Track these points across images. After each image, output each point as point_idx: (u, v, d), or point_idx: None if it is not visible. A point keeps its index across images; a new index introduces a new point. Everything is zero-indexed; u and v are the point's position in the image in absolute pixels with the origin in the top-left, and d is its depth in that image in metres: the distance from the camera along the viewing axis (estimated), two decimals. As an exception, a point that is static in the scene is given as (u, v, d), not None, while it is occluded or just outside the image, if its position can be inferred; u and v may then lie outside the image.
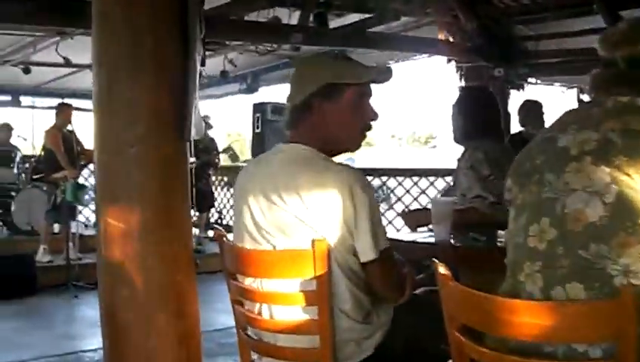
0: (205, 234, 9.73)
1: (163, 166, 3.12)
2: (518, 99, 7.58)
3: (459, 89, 7.26)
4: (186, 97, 3.08)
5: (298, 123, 2.36)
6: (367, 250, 2.20)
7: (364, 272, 2.25)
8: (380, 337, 2.30)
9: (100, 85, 3.12)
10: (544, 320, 1.53)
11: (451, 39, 7.69)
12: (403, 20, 7.48)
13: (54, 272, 7.58)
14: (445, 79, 9.71)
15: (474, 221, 3.23)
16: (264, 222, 2.28)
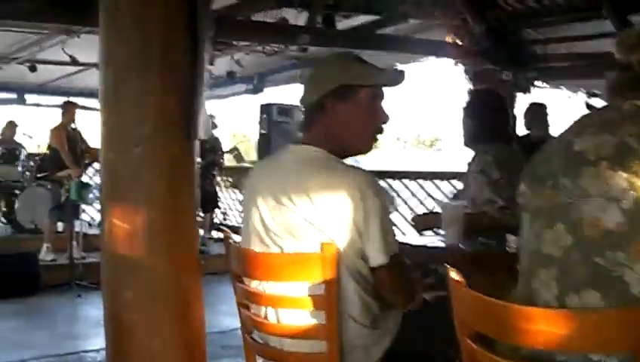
0: (209, 234, 9.69)
1: (170, 166, 3.10)
2: (524, 102, 7.56)
3: (468, 92, 7.22)
4: (194, 97, 3.05)
5: (311, 124, 2.34)
6: (377, 254, 2.17)
7: (373, 277, 2.22)
8: (388, 343, 2.27)
9: (107, 84, 3.10)
10: (561, 328, 1.49)
11: (459, 42, 7.65)
12: (411, 23, 7.46)
13: (57, 271, 7.54)
14: (451, 82, 9.69)
15: (483, 225, 3.20)
16: (273, 224, 2.24)
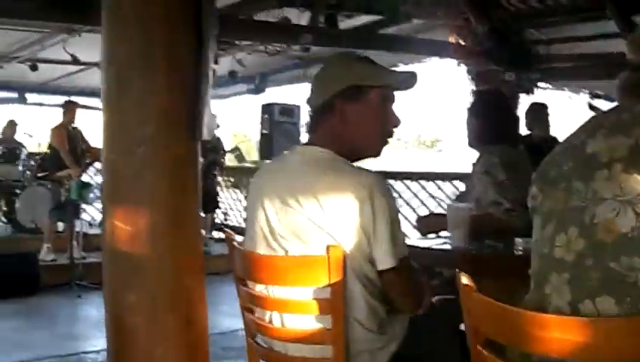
0: (210, 235, 9.66)
1: (173, 166, 3.06)
2: (526, 102, 7.54)
3: (473, 92, 7.20)
4: (199, 96, 3.01)
5: (318, 125, 2.29)
6: (386, 257, 2.12)
7: (380, 281, 2.17)
8: (395, 347, 2.23)
9: (109, 84, 3.06)
10: (575, 336, 1.45)
11: (462, 42, 7.63)
12: (413, 23, 7.44)
13: (58, 271, 7.51)
14: (453, 83, 9.66)
15: (489, 227, 3.16)
16: (279, 226, 2.20)
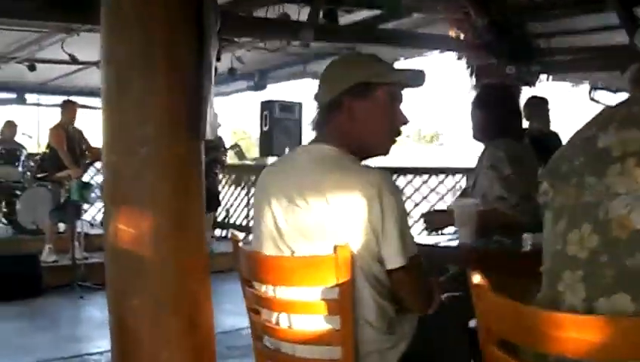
0: (213, 233, 9.64)
1: (176, 167, 3.02)
2: (527, 95, 7.50)
3: (478, 85, 7.16)
4: (201, 95, 2.96)
5: (325, 123, 2.27)
6: (395, 256, 2.09)
7: (389, 280, 2.14)
8: (404, 347, 2.20)
9: (109, 83, 3.02)
10: (592, 335, 1.41)
11: (462, 36, 7.58)
12: (413, 17, 7.39)
13: (59, 272, 7.47)
14: (452, 77, 9.63)
15: (495, 223, 3.12)
16: (286, 226, 2.17)
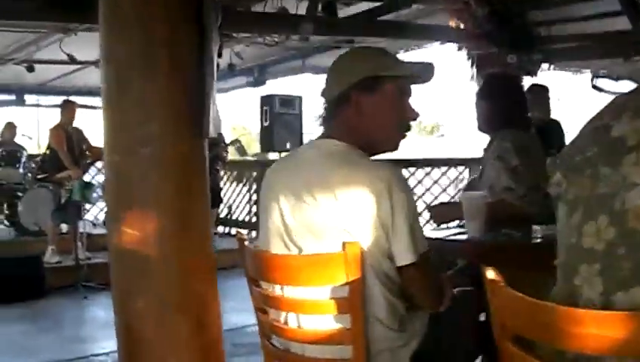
0: (215, 230, 9.61)
1: (180, 166, 2.96)
2: (527, 84, 7.45)
3: (483, 76, 7.11)
4: (204, 92, 2.91)
5: (333, 117, 2.22)
6: (405, 252, 2.05)
7: (400, 277, 2.10)
8: (416, 345, 2.16)
9: (109, 83, 2.97)
10: (613, 331, 1.37)
11: (462, 26, 7.53)
12: (413, 8, 7.34)
13: (63, 273, 7.46)
14: (453, 68, 9.56)
15: (503, 214, 3.07)
16: (294, 224, 2.13)
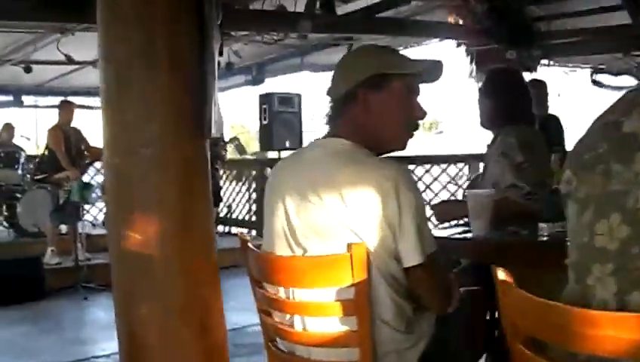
0: (215, 229, 9.56)
1: (181, 166, 2.92)
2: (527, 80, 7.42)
3: (480, 72, 7.07)
4: (205, 91, 2.87)
5: (339, 116, 2.19)
6: (413, 253, 2.01)
7: (407, 278, 2.06)
8: (424, 346, 2.13)
9: (109, 83, 2.93)
10: (629, 333, 1.34)
11: (461, 22, 7.51)
12: (412, 5, 7.31)
13: (63, 274, 7.42)
14: (452, 64, 9.51)
15: (507, 211, 3.03)
16: (299, 224, 2.09)
